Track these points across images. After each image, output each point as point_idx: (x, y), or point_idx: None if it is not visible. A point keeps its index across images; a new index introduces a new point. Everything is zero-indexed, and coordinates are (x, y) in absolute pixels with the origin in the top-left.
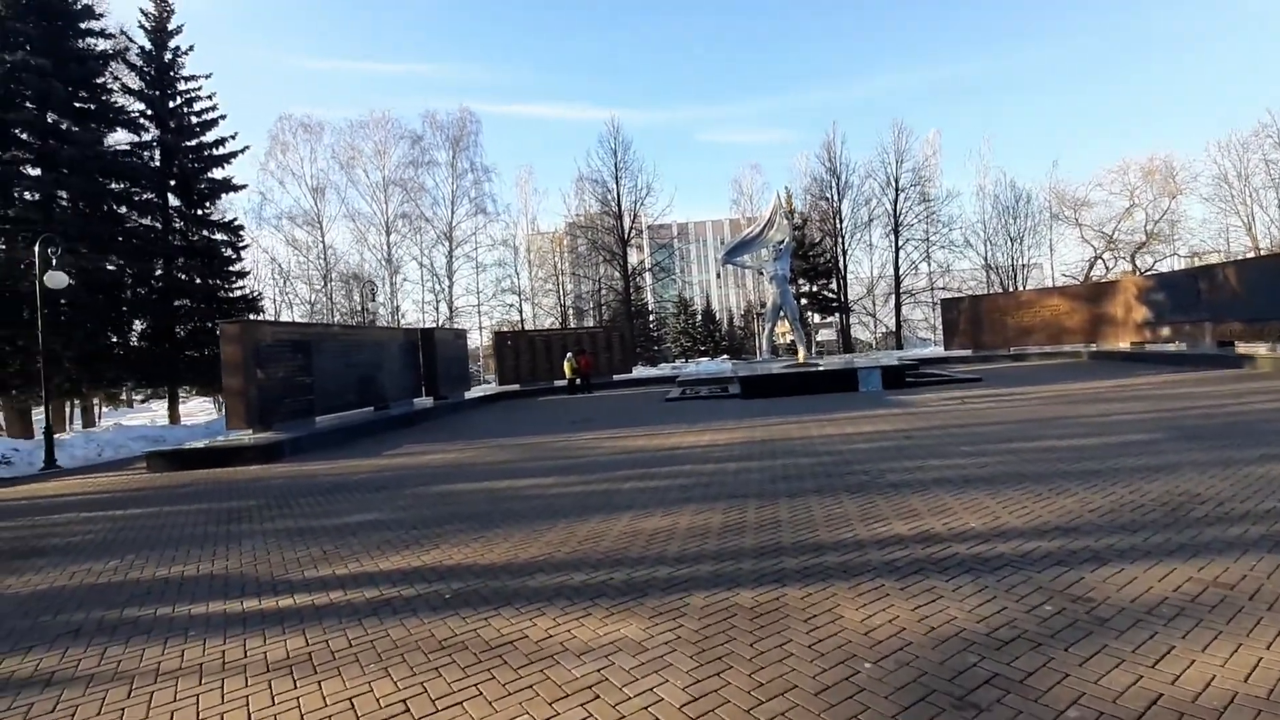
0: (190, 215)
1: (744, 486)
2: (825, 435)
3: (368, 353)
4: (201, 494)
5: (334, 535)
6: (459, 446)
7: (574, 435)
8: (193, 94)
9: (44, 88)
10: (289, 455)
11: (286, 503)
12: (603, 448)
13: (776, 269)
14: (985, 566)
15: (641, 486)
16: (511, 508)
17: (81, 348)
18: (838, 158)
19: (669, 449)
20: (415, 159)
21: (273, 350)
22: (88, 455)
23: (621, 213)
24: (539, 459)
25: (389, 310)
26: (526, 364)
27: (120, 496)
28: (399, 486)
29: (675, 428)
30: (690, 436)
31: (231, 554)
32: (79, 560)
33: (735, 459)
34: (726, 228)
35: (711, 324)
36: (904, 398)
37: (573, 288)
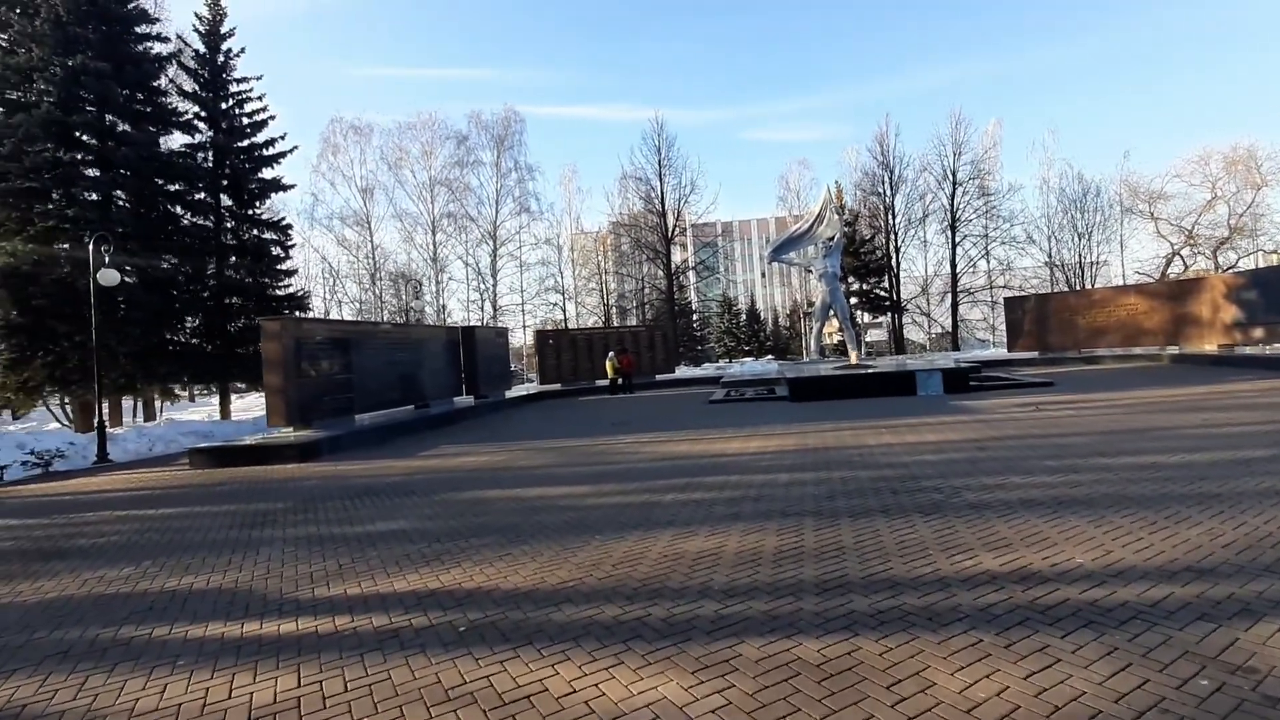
0: (241, 214)
1: (798, 503)
2: (885, 444)
3: (408, 351)
4: (234, 494)
5: (354, 546)
6: (495, 448)
7: (613, 438)
8: (244, 95)
9: (103, 90)
10: (326, 454)
11: (314, 506)
12: (642, 453)
13: (826, 266)
14: (1108, 618)
15: (684, 499)
16: (542, 520)
17: (137, 344)
18: (890, 151)
19: (713, 456)
20: (461, 159)
21: (313, 348)
22: (139, 450)
23: (665, 211)
24: (575, 464)
25: (435, 309)
26: (568, 363)
27: (157, 494)
28: (429, 492)
29: (720, 432)
30: (736, 442)
31: (246, 564)
32: (96, 565)
33: (786, 469)
34: (772, 225)
35: (756, 324)
36: (969, 403)
37: (616, 286)
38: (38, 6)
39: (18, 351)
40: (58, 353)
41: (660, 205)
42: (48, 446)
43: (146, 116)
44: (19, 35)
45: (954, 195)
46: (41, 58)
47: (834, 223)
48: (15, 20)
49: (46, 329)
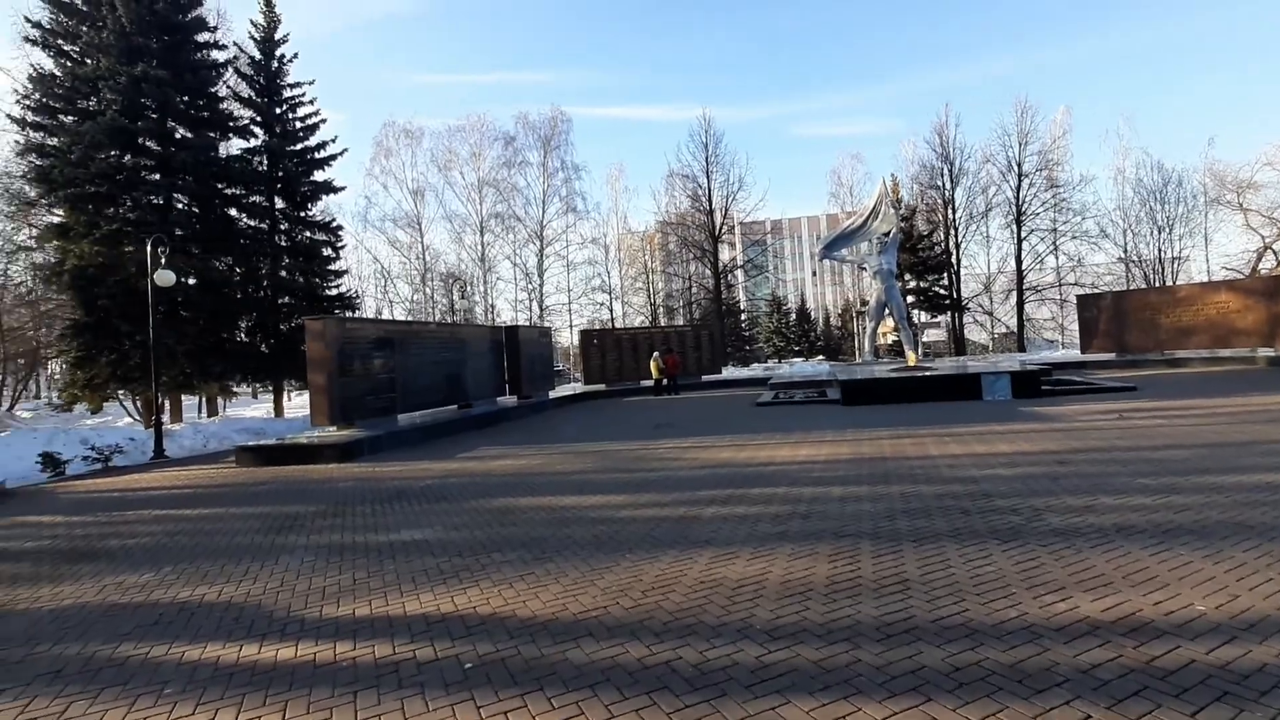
0: (294, 216)
1: (854, 521)
2: (950, 455)
3: (451, 350)
4: (270, 495)
5: (375, 557)
6: (533, 451)
7: (654, 443)
8: (297, 100)
9: (163, 97)
10: (367, 454)
11: (344, 510)
12: (684, 460)
13: (881, 263)
14: (1246, 689)
15: (725, 513)
16: (571, 534)
17: (193, 343)
18: (950, 142)
19: (759, 464)
20: (508, 159)
21: (356, 347)
22: (194, 446)
23: (713, 208)
24: (612, 470)
25: (483, 309)
26: (613, 363)
27: (198, 493)
28: (459, 497)
29: (767, 438)
30: (784, 449)
31: (263, 574)
32: (120, 569)
33: (839, 481)
34: (823, 222)
35: (806, 323)
36: (1042, 409)
37: (663, 286)
38: (104, 18)
39: (84, 350)
40: (121, 351)
41: (707, 203)
42: (109, 442)
43: (204, 122)
44: (87, 46)
45: (1019, 188)
46: (108, 67)
47: (890, 217)
48: (84, 32)
49: (111, 328)
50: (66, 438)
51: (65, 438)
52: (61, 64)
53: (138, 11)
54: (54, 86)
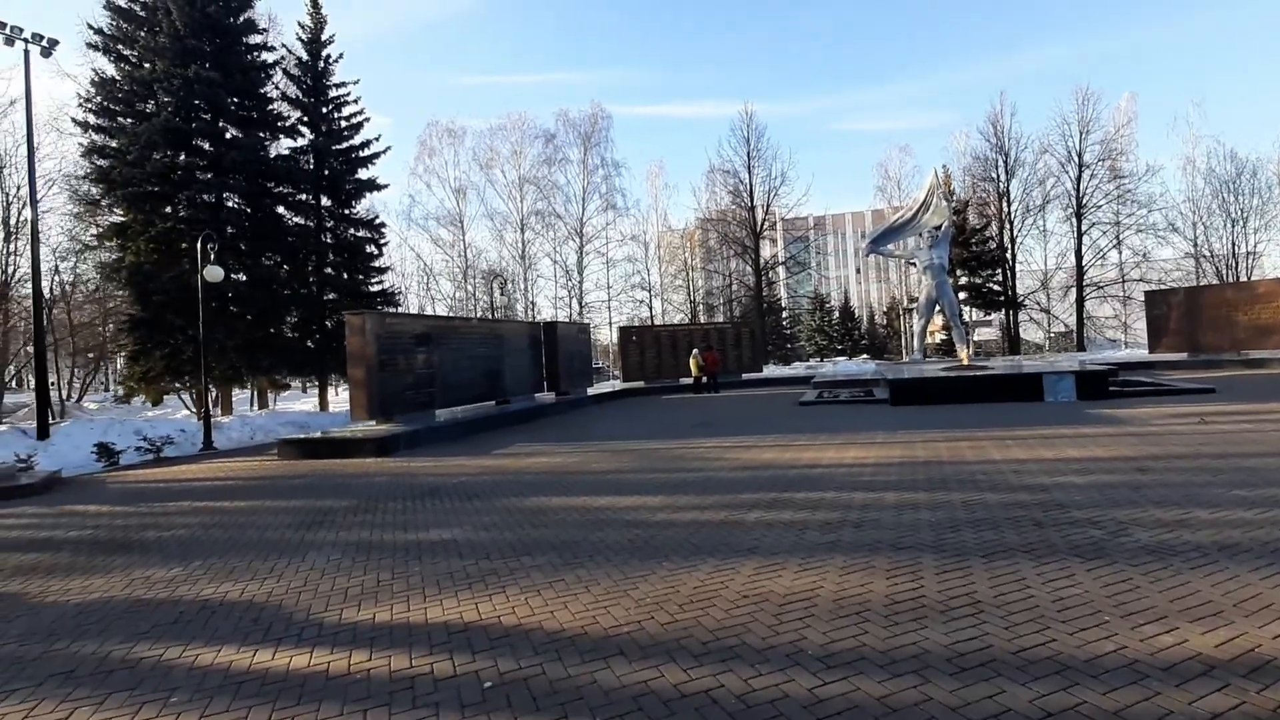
0: (338, 214)
1: (912, 532)
2: (1014, 460)
3: (490, 346)
4: (305, 488)
5: (401, 557)
6: (569, 449)
7: (694, 441)
8: (342, 99)
9: (214, 98)
10: (404, 449)
11: (375, 506)
12: (725, 460)
13: (932, 257)
14: None
15: (770, 519)
16: (605, 538)
17: (243, 338)
18: (1005, 132)
19: (805, 466)
20: (549, 156)
21: (395, 342)
22: (241, 438)
23: (754, 204)
24: (650, 470)
25: (524, 306)
26: (652, 360)
27: (237, 485)
28: (492, 495)
29: (812, 438)
30: (831, 450)
31: (288, 572)
32: (150, 563)
33: (894, 487)
34: (868, 218)
35: (850, 321)
36: (1112, 412)
37: (703, 283)
38: (159, 22)
39: (140, 345)
40: (174, 345)
41: (749, 199)
42: (161, 434)
43: (254, 122)
44: (144, 50)
45: (1080, 179)
46: (163, 70)
47: (941, 210)
48: (141, 37)
49: (165, 323)
50: (122, 429)
51: (120, 429)
52: (121, 68)
53: (190, 15)
54: (114, 90)
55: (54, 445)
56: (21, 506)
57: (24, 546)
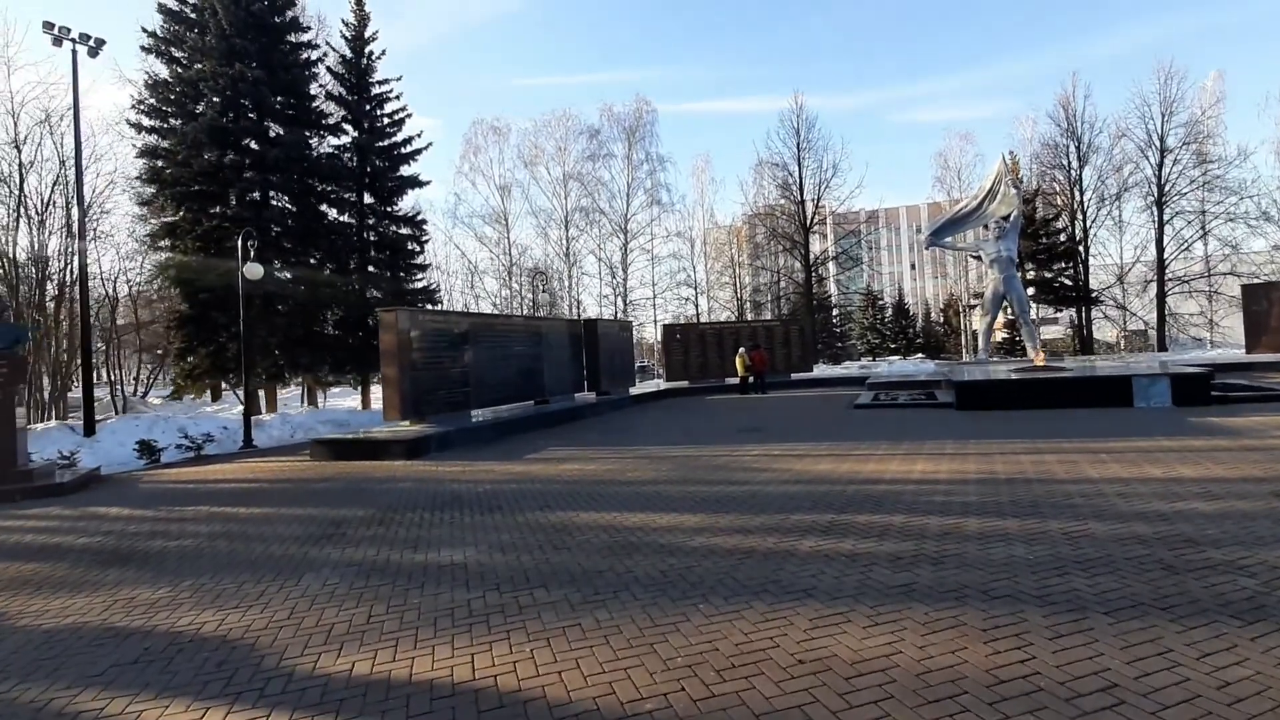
0: (380, 211)
1: (1007, 574)
2: (1116, 480)
3: (528, 344)
4: (325, 494)
5: (403, 585)
6: (605, 454)
7: (739, 448)
8: (385, 96)
9: (259, 96)
10: (434, 451)
11: (391, 518)
12: (774, 471)
13: (1000, 250)
14: None
15: (827, 549)
16: (634, 567)
17: (284, 335)
18: (1078, 116)
19: (866, 481)
20: (593, 152)
21: (429, 340)
22: (281, 436)
23: (804, 198)
24: (690, 482)
25: (568, 304)
26: (696, 359)
27: (259, 489)
28: (515, 508)
29: (871, 447)
30: (895, 462)
31: (276, 599)
32: (142, 580)
33: (975, 511)
34: (923, 212)
35: (904, 319)
36: (1219, 421)
37: (750, 280)
38: (207, 23)
39: (186, 342)
40: (218, 343)
41: (798, 192)
42: (204, 431)
43: (298, 120)
44: (192, 50)
45: (1161, 165)
46: (209, 69)
47: (1010, 198)
48: (190, 38)
49: (210, 321)
50: (166, 426)
51: (165, 426)
52: (172, 70)
53: (236, 14)
54: (166, 91)
55: (99, 442)
56: (49, 507)
57: (29, 554)
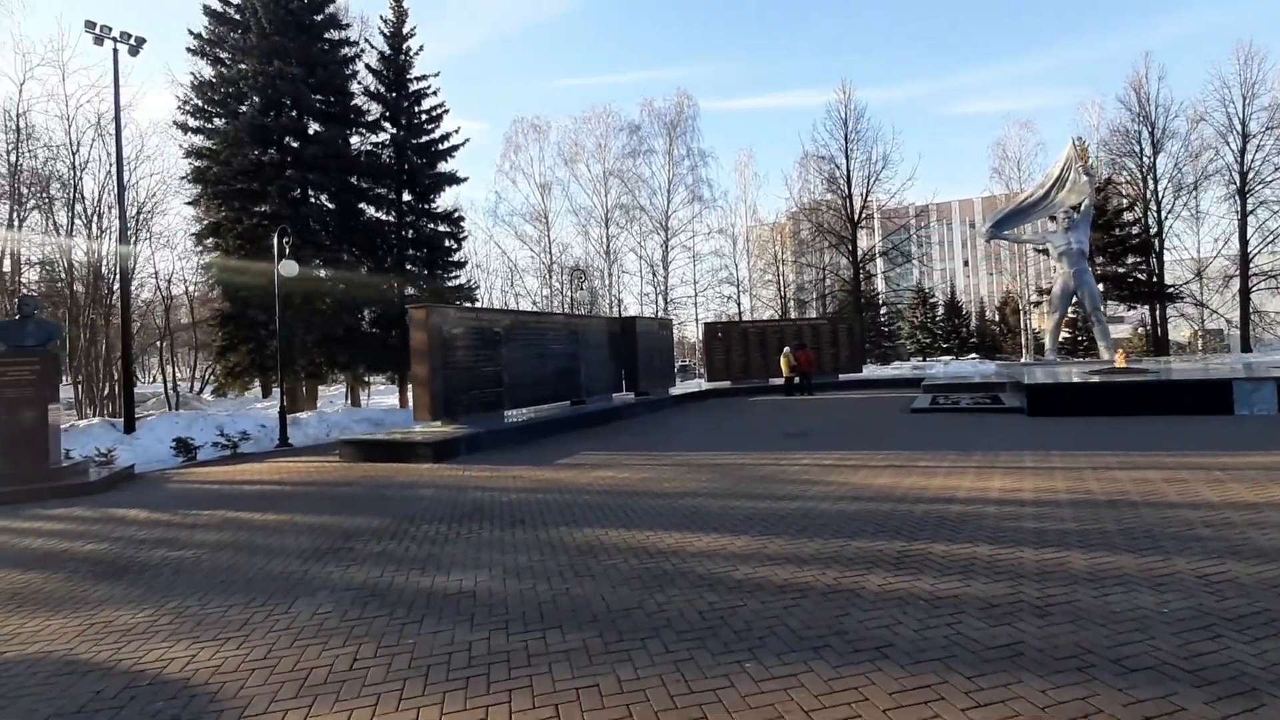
0: (418, 208)
1: (1140, 632)
2: (1243, 504)
3: (564, 343)
4: (344, 501)
5: (400, 618)
6: (640, 459)
7: (786, 455)
8: (422, 92)
9: (297, 94)
10: (463, 454)
11: (405, 531)
12: (827, 484)
13: (1069, 242)
14: None
15: (901, 589)
16: (667, 604)
17: (322, 333)
18: (1151, 100)
19: (936, 500)
20: (634, 148)
21: (460, 338)
22: (317, 435)
23: (851, 191)
24: (732, 495)
25: (608, 302)
26: (739, 359)
27: (279, 493)
28: (540, 521)
29: (937, 457)
30: (968, 477)
31: (258, 632)
32: (128, 599)
33: (1077, 542)
34: (977, 206)
35: (957, 317)
36: None
37: (794, 278)
38: (249, 22)
39: (227, 340)
40: (257, 340)
41: (846, 186)
42: (241, 429)
43: (336, 117)
44: (234, 50)
45: (1244, 151)
46: (250, 69)
47: (1081, 186)
48: (233, 38)
49: (249, 319)
50: (205, 423)
51: (204, 423)
52: (217, 71)
53: (275, 12)
54: (210, 92)
55: (138, 439)
56: (73, 507)
57: (29, 562)
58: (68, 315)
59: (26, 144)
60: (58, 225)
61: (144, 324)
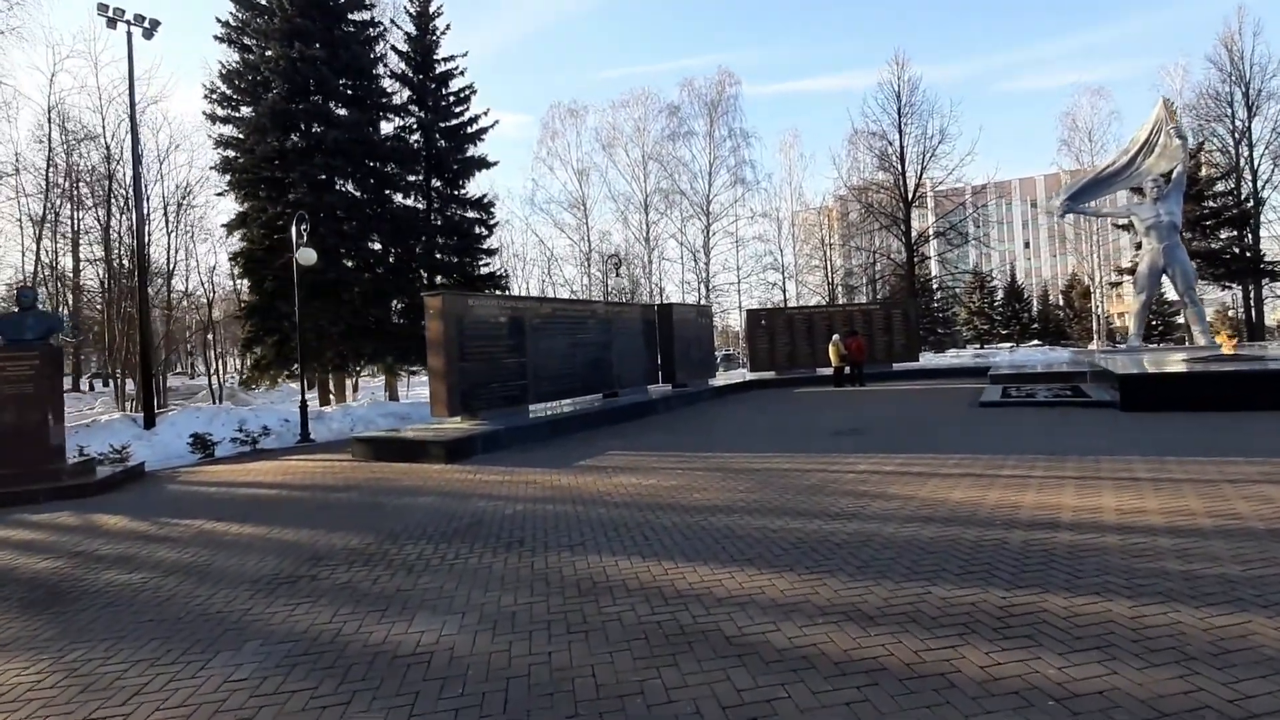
0: (446, 194)
1: None
2: None
3: (595, 332)
4: (335, 510)
5: (329, 689)
6: (669, 462)
7: (838, 458)
8: (450, 73)
9: (320, 76)
10: (479, 453)
11: (383, 554)
12: (889, 497)
13: (1159, 214)
14: None
15: (1014, 678)
16: (684, 685)
17: (347, 323)
18: (1245, 58)
19: (1035, 524)
20: (673, 130)
21: (480, 327)
22: (341, 429)
23: (905, 169)
24: (773, 512)
25: (648, 290)
26: (784, 347)
27: (273, 499)
28: (541, 543)
29: (1022, 464)
30: (1069, 493)
31: (146, 707)
32: (38, 638)
33: (1251, 596)
34: (1039, 185)
35: (1017, 302)
36: None
37: (842, 263)
38: (273, 7)
39: (253, 332)
40: (282, 332)
41: (899, 163)
42: (264, 424)
43: (360, 101)
44: (258, 35)
45: None
46: (274, 54)
47: (1173, 150)
48: (258, 23)
49: (274, 310)
50: (227, 418)
51: (225, 418)
52: (243, 57)
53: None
54: (237, 80)
55: (158, 435)
56: (59, 512)
57: None
58: (104, 309)
59: (80, 145)
60: (98, 220)
61: (183, 317)
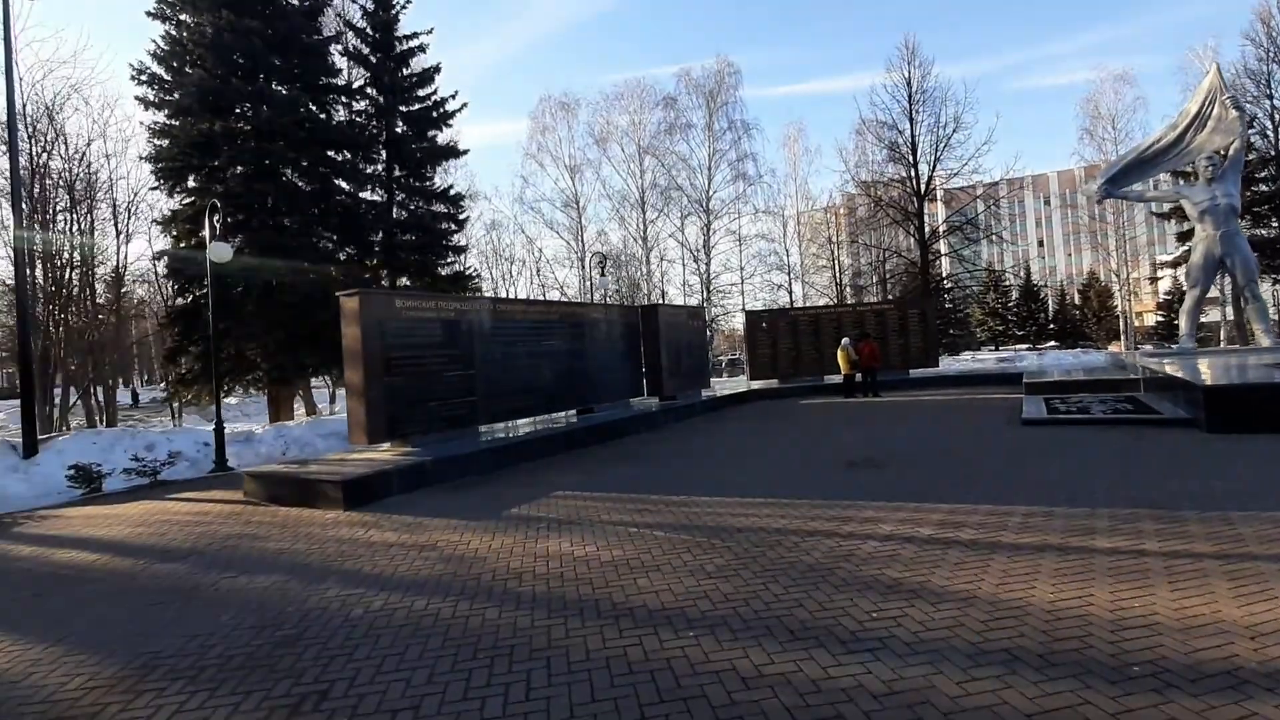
0: (409, 185)
1: None
2: None
3: (565, 338)
4: (127, 599)
5: None
6: (628, 511)
7: (852, 512)
8: (411, 51)
9: (252, 50)
10: (393, 493)
11: (105, 707)
12: (936, 597)
13: (1214, 195)
14: None
15: None
16: None
17: (287, 333)
18: None
19: (1202, 673)
20: (670, 123)
21: (412, 332)
22: (271, 453)
23: (916, 160)
24: (754, 625)
25: (647, 291)
26: (787, 352)
27: (85, 568)
28: (343, 706)
29: (1117, 524)
30: (1222, 589)
31: None
32: None
33: None
34: (1053, 181)
35: (1033, 302)
36: None
37: (850, 261)
38: None
39: (177, 341)
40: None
41: (910, 154)
42: (178, 448)
43: (302, 80)
44: (191, 8)
45: None
46: (196, 24)
47: (1230, 124)
48: None
49: (202, 317)
50: (130, 443)
51: (129, 443)
52: (178, 33)
53: None
54: (172, 60)
55: (38, 465)
56: None
57: None
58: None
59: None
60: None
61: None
